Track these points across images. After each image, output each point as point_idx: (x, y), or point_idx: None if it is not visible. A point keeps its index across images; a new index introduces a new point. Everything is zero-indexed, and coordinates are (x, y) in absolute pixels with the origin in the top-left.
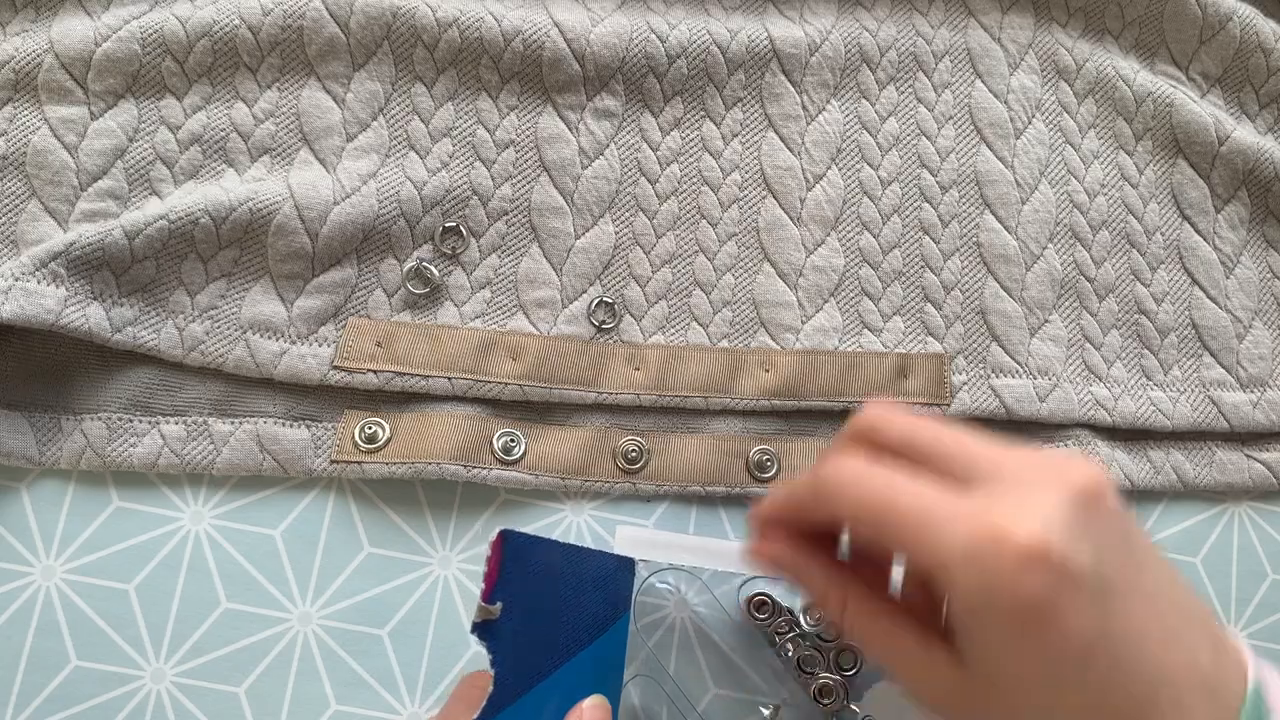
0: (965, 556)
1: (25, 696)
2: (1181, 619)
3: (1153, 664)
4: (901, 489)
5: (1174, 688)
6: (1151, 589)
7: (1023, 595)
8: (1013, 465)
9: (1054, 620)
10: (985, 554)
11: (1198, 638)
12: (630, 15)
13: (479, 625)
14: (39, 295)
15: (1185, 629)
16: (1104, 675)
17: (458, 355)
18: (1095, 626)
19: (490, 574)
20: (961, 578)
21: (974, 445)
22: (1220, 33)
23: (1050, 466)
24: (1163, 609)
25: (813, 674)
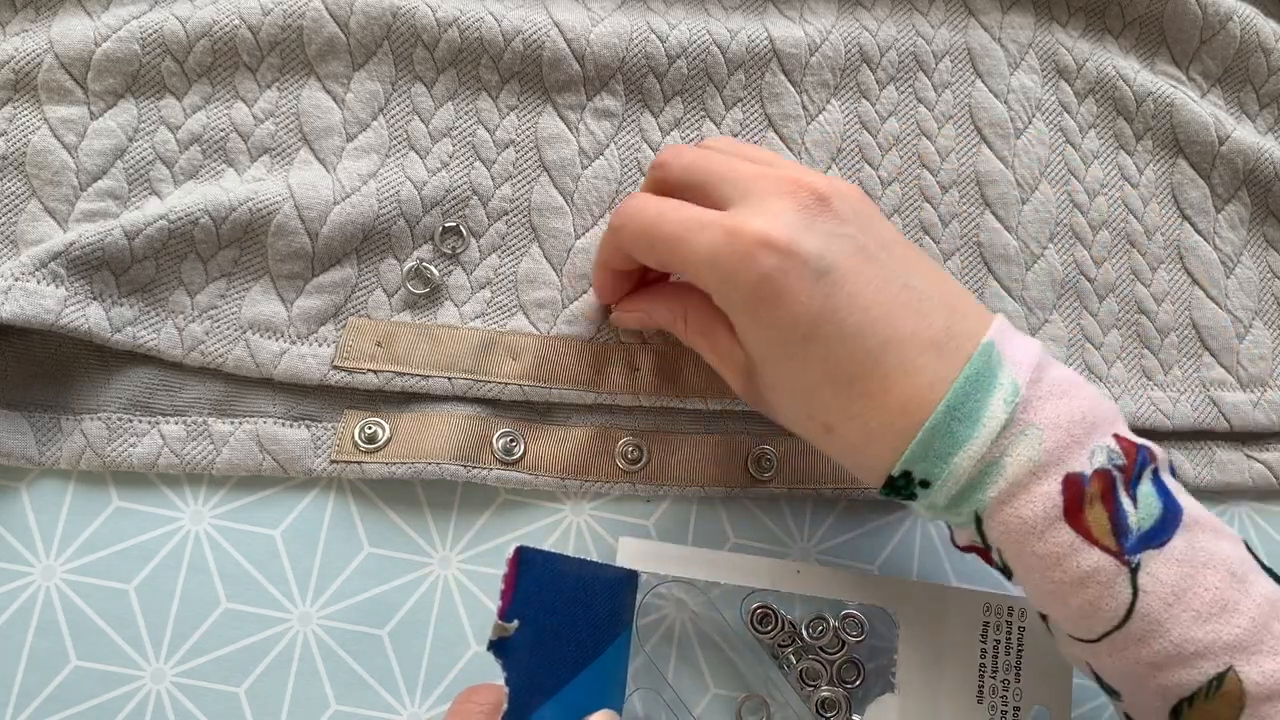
0: (709, 256)
1: (25, 696)
2: (913, 295)
3: (877, 332)
4: (668, 214)
5: (900, 350)
6: (881, 274)
7: (753, 274)
8: (761, 183)
9: (782, 298)
10: (722, 249)
11: (932, 308)
12: (630, 15)
13: (495, 643)
14: (39, 295)
15: (916, 303)
16: (831, 346)
17: (458, 355)
18: (819, 304)
19: (506, 591)
20: (708, 274)
21: (736, 169)
22: (1220, 32)
23: (785, 178)
24: (893, 289)
25: (815, 686)
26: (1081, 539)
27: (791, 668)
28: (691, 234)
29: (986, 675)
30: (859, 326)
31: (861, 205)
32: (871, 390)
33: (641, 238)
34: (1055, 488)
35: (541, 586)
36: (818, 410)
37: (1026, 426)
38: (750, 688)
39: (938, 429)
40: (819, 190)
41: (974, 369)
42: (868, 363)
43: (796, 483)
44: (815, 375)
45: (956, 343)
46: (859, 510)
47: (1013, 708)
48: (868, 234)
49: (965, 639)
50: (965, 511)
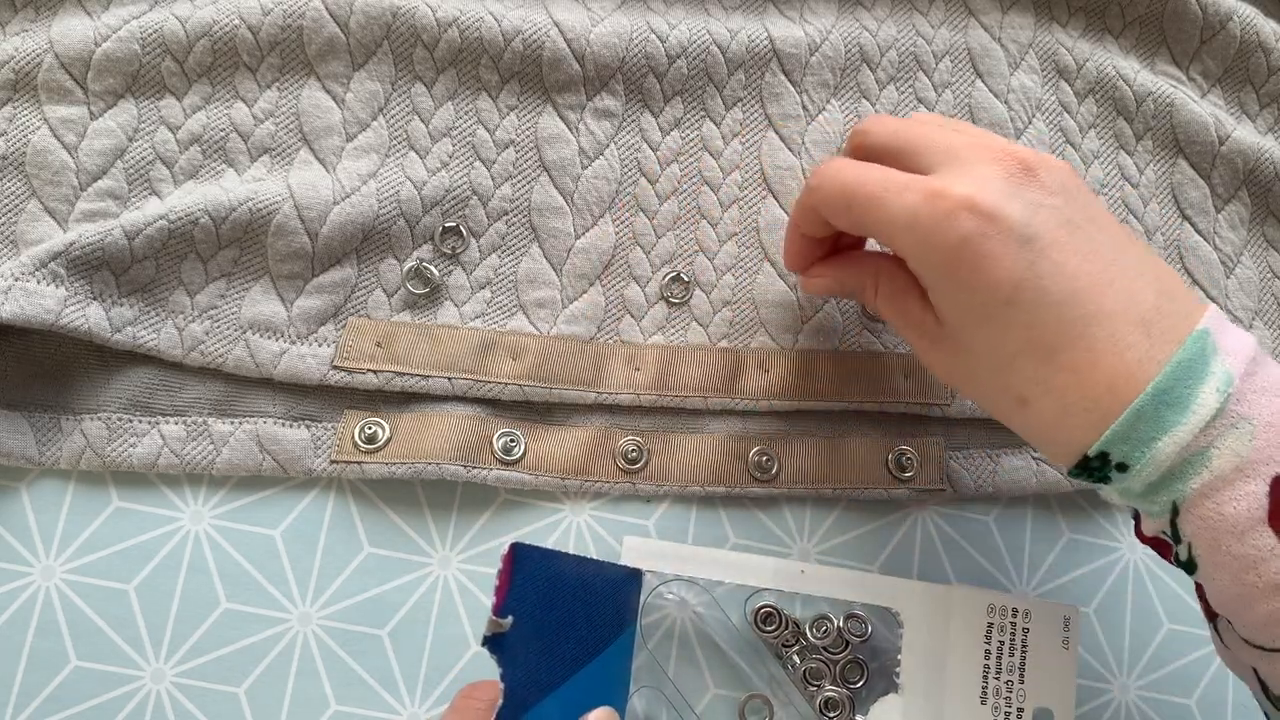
0: (908, 217)
1: (25, 696)
2: (1122, 271)
3: (1083, 303)
4: (868, 176)
5: (1108, 324)
6: (1088, 246)
7: (954, 236)
8: (966, 151)
9: (983, 261)
10: (923, 211)
11: (1141, 286)
12: (630, 15)
13: (489, 639)
14: (38, 295)
15: (1126, 278)
16: (1033, 313)
17: (458, 355)
18: (1022, 269)
19: (501, 587)
20: (906, 236)
21: (941, 137)
22: (1221, 32)
23: (993, 147)
24: (1101, 261)
25: (819, 686)
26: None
27: (795, 668)
28: (891, 195)
29: (990, 676)
30: (1064, 295)
31: (1069, 179)
32: (1075, 363)
33: (839, 198)
34: (1263, 488)
35: (540, 583)
36: (1014, 382)
37: (1238, 420)
38: (753, 687)
39: (1144, 411)
40: (1026, 160)
41: (1187, 353)
42: (1072, 334)
43: (797, 483)
44: (1015, 343)
45: (1168, 323)
46: (859, 510)
47: (1016, 708)
48: (1074, 207)
49: (969, 639)
50: (1162, 500)
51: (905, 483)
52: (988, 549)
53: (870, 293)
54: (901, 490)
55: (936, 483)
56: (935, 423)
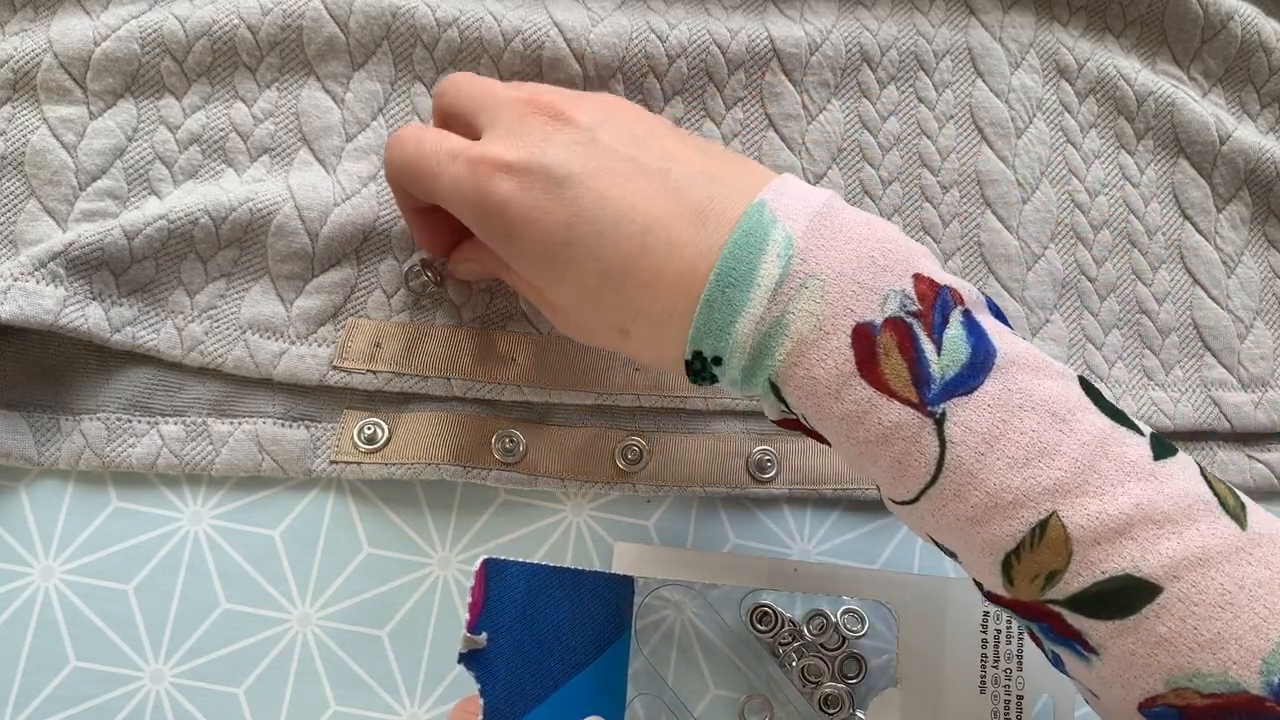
0: (454, 189)
1: (24, 697)
2: (669, 178)
3: (634, 220)
4: (425, 144)
5: (660, 230)
6: (631, 166)
7: (495, 200)
8: (505, 107)
9: (530, 215)
10: (465, 181)
11: (690, 184)
12: (630, 15)
13: (465, 655)
14: (38, 295)
15: (674, 184)
16: (594, 246)
17: (457, 356)
18: (568, 208)
19: (474, 604)
20: (460, 209)
21: (491, 94)
22: (1222, 32)
23: (524, 99)
24: (646, 177)
25: (818, 683)
26: (879, 393)
27: (793, 666)
28: (442, 167)
29: (988, 665)
30: (615, 218)
31: (607, 109)
32: (645, 278)
33: (402, 170)
34: (845, 341)
35: (518, 597)
36: (609, 316)
37: (805, 279)
38: (752, 687)
39: (713, 300)
40: (555, 105)
41: (741, 231)
42: (634, 251)
43: (797, 483)
44: (591, 279)
45: (720, 209)
46: (860, 510)
47: (1015, 696)
48: (614, 133)
49: (966, 630)
50: (761, 381)
51: None
52: None
53: (504, 269)
54: None
55: None
56: None
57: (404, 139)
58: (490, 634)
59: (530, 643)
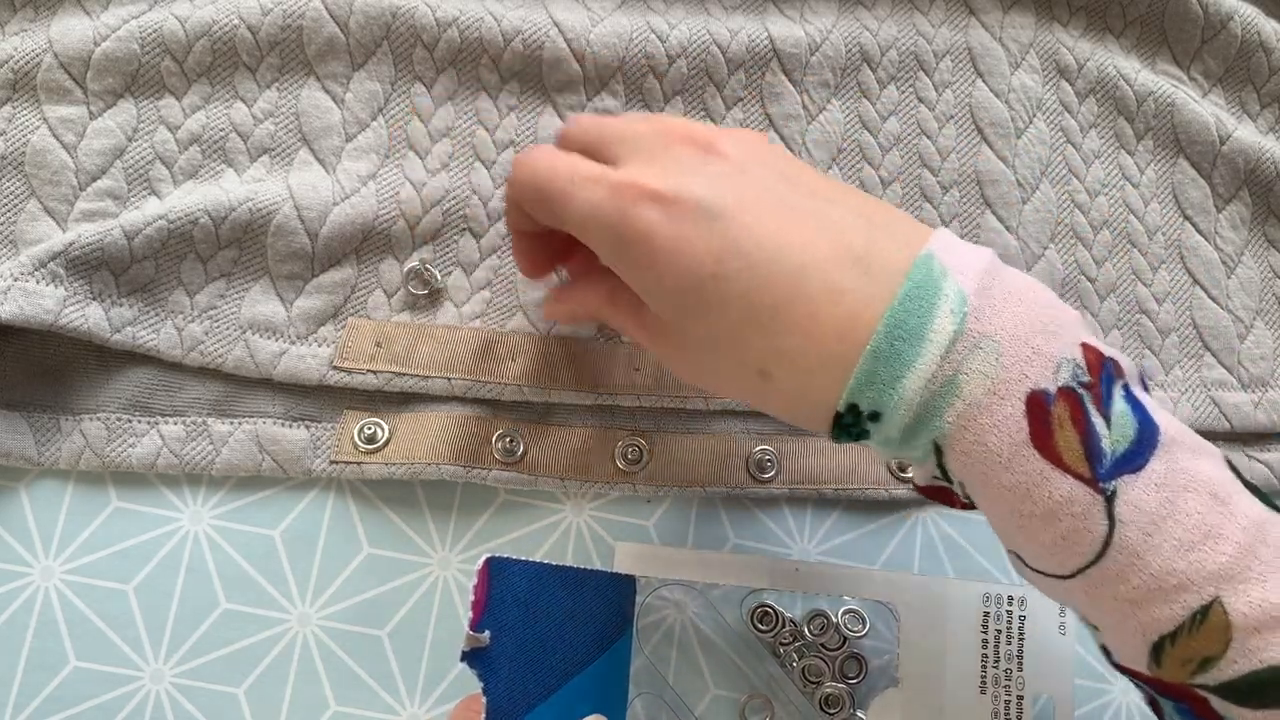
0: (592, 211)
1: (24, 697)
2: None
3: (789, 257)
4: (559, 167)
5: (819, 273)
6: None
7: (638, 227)
8: (649, 139)
9: (675, 246)
10: (605, 204)
11: (850, 227)
12: (630, 15)
13: (468, 653)
14: (38, 295)
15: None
16: (744, 282)
17: (457, 356)
18: (717, 241)
19: (477, 602)
20: (596, 233)
21: (629, 127)
22: (1222, 32)
23: (673, 132)
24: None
25: (818, 683)
26: (1052, 466)
27: (794, 666)
28: (578, 188)
29: (989, 665)
30: (770, 254)
31: (757, 146)
32: (798, 321)
33: (530, 188)
34: (1019, 409)
35: (520, 595)
36: (749, 358)
37: (980, 339)
38: (753, 687)
39: (880, 351)
40: (704, 138)
41: (914, 283)
42: (787, 290)
43: (797, 483)
44: (735, 316)
45: (886, 257)
46: (860, 511)
47: (1015, 696)
48: (766, 170)
49: (966, 630)
50: (923, 443)
51: (906, 482)
52: (988, 549)
53: (608, 308)
54: (902, 490)
55: None
56: None
57: (535, 158)
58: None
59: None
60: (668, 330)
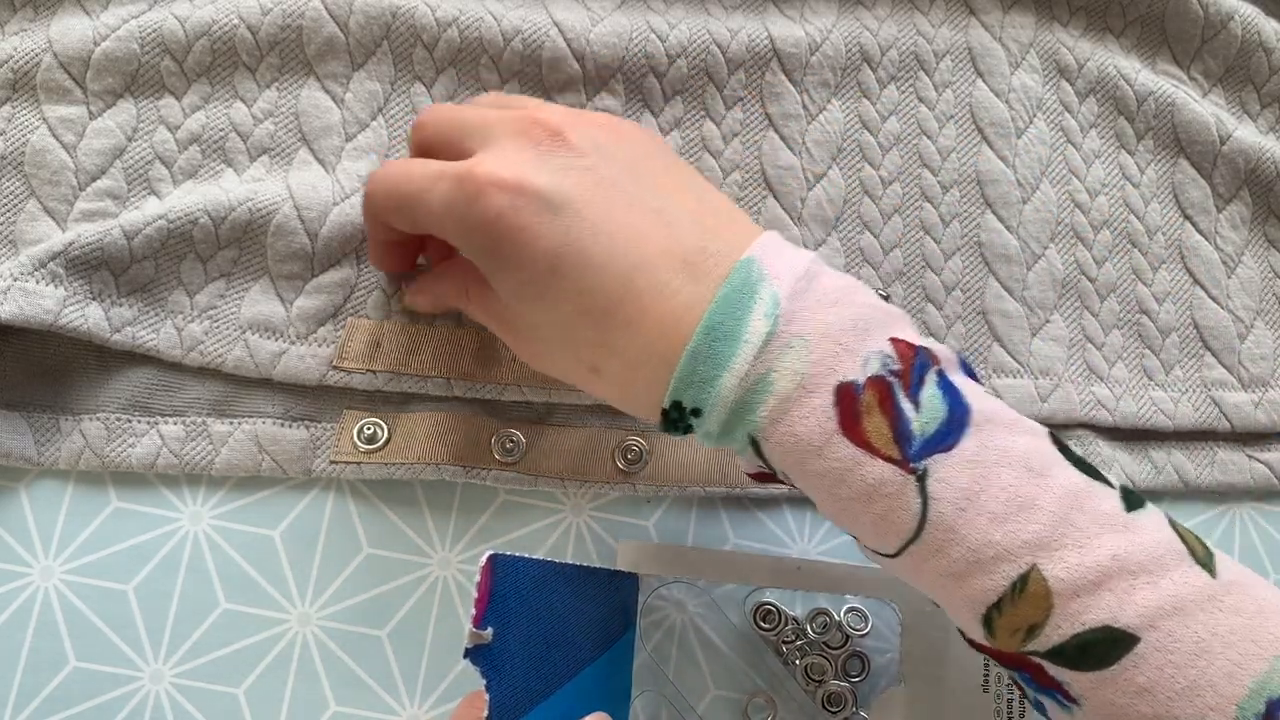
0: (444, 206)
1: (24, 697)
2: (663, 218)
3: (625, 256)
4: (412, 171)
5: (650, 273)
6: (625, 200)
7: (485, 215)
8: (498, 127)
9: (519, 234)
10: (455, 197)
11: (683, 229)
12: (630, 15)
13: (471, 650)
14: (37, 295)
15: (666, 225)
16: (577, 278)
17: (457, 356)
18: (560, 236)
19: (480, 599)
20: (448, 226)
21: (480, 117)
22: (1222, 32)
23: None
24: (639, 213)
25: (821, 682)
26: (862, 451)
27: (796, 664)
28: (430, 187)
29: (990, 664)
30: (605, 254)
31: (607, 135)
32: (628, 318)
33: (389, 199)
34: (828, 400)
35: (524, 592)
36: (582, 352)
37: (791, 339)
38: (756, 686)
39: (699, 352)
40: (552, 125)
41: (732, 286)
42: (619, 290)
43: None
44: (569, 311)
45: (712, 261)
46: None
47: (1018, 695)
48: (612, 163)
49: None
50: (740, 436)
51: None
52: None
53: (464, 299)
54: None
55: None
56: None
57: (390, 168)
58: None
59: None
60: (511, 318)
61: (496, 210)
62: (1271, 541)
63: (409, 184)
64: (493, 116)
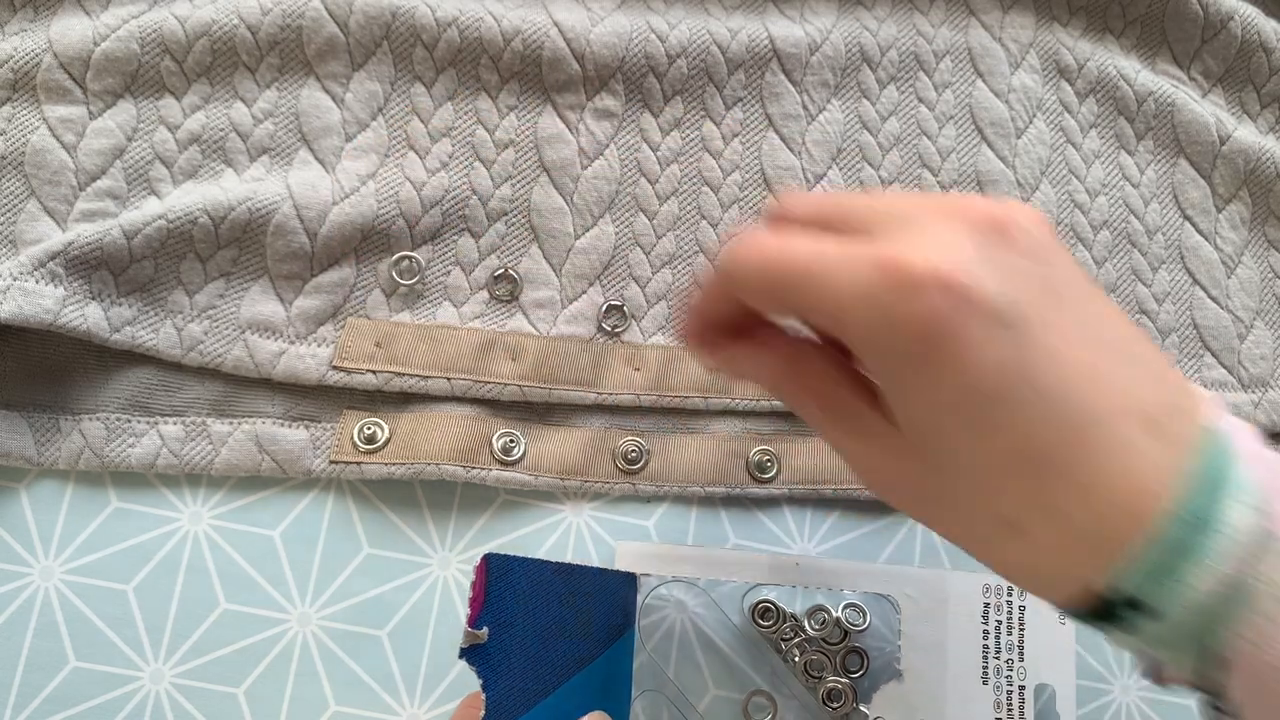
0: (858, 294)
1: (24, 697)
2: (1115, 355)
3: (1081, 400)
4: (798, 248)
5: (1108, 424)
6: (1077, 324)
7: (921, 318)
8: (919, 208)
9: (959, 349)
10: (878, 286)
11: (1140, 372)
12: (630, 15)
13: (467, 650)
14: (37, 295)
15: (1120, 365)
16: (1025, 412)
17: (457, 356)
18: (1008, 357)
19: (475, 599)
20: (859, 316)
21: (879, 198)
22: (1221, 32)
23: (952, 203)
24: (1092, 344)
25: (820, 678)
26: None
27: (795, 661)
28: (831, 269)
29: (990, 656)
30: (1059, 389)
31: (1044, 235)
32: (1077, 476)
33: (762, 275)
34: None
35: (520, 592)
36: (1005, 503)
37: (1270, 540)
38: (755, 685)
39: (1168, 537)
40: (993, 215)
41: (1206, 460)
42: (1071, 439)
43: (797, 483)
44: (1001, 451)
45: (1177, 422)
46: (860, 510)
47: (1018, 686)
48: (1056, 271)
49: (967, 621)
50: (1197, 650)
51: None
52: None
53: (792, 384)
54: None
55: None
56: None
57: (761, 240)
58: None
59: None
60: (897, 439)
61: (933, 312)
62: None
63: (796, 258)
64: (903, 197)
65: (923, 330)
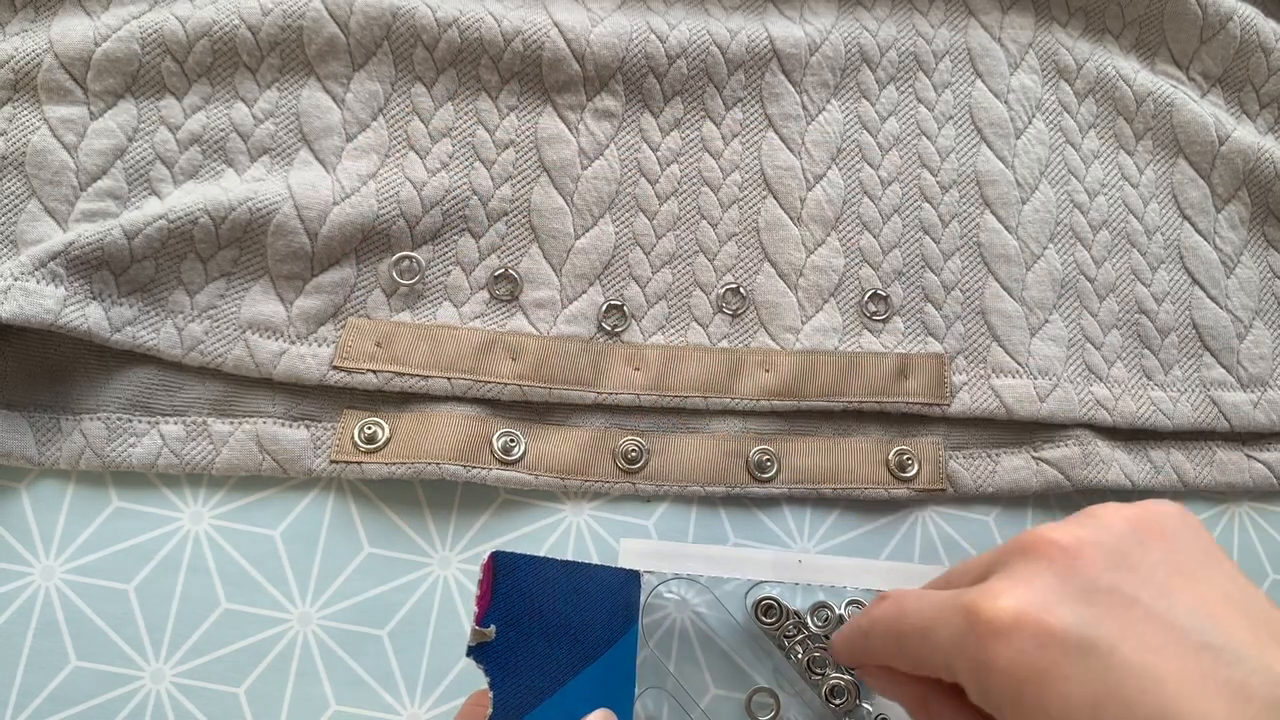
0: (950, 648)
1: (25, 696)
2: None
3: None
4: (908, 605)
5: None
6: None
7: (1004, 666)
8: (1007, 550)
9: (1050, 683)
10: (966, 638)
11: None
12: (630, 15)
13: (474, 648)
14: (38, 295)
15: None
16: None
17: (457, 355)
18: (1094, 684)
19: (483, 597)
20: (957, 665)
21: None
22: (1220, 32)
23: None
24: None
25: (823, 675)
26: None
27: (798, 658)
28: (935, 626)
29: None
30: (1153, 709)
31: (1130, 539)
32: None
33: (889, 640)
34: None
35: (526, 590)
36: None
37: None
38: (758, 682)
39: None
40: (1060, 542)
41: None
42: None
43: (797, 483)
44: None
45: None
46: (859, 510)
47: None
48: (1138, 575)
49: None
50: None
51: (905, 483)
52: (986, 547)
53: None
54: (901, 490)
55: (936, 483)
56: (935, 423)
57: (887, 604)
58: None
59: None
60: None
61: (1020, 654)
62: (1270, 541)
63: (909, 618)
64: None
65: (1005, 672)
